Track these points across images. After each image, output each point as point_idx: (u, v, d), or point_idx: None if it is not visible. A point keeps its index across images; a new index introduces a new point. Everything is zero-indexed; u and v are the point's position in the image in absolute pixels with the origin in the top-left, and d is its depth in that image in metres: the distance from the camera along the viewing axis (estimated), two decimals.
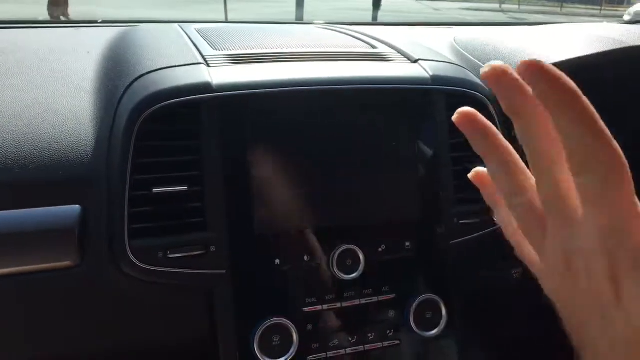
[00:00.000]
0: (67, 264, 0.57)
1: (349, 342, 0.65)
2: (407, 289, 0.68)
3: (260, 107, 0.64)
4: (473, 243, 0.70)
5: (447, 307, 0.67)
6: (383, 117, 0.69)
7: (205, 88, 0.60)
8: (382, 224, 0.68)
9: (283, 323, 0.61)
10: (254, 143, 0.63)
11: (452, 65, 0.76)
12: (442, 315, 0.67)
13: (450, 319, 0.67)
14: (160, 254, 0.58)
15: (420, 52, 0.77)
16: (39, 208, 0.57)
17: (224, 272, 0.61)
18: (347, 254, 0.64)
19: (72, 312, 0.62)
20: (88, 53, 0.79)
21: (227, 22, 1.90)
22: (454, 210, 0.69)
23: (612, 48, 0.78)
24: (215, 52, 0.70)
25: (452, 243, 0.69)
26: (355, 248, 0.65)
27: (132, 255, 0.57)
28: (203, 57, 0.67)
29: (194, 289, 0.64)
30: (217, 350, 0.62)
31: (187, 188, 0.59)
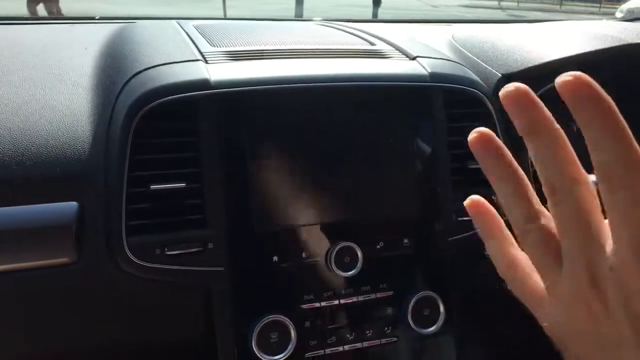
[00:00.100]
0: (64, 261, 0.57)
1: (347, 339, 0.65)
2: (405, 286, 0.68)
3: (259, 103, 0.63)
4: (471, 240, 0.70)
5: (445, 304, 0.67)
6: (381, 114, 0.69)
7: (204, 85, 0.60)
8: (380, 221, 0.68)
9: (281, 320, 0.61)
10: (252, 140, 0.63)
11: (450, 63, 0.76)
12: (440, 313, 0.67)
13: (448, 316, 0.68)
14: (158, 251, 0.58)
15: (419, 49, 0.77)
16: (36, 205, 0.56)
17: (222, 269, 0.61)
18: (345, 251, 0.64)
19: (69, 309, 0.62)
20: (85, 49, 0.78)
21: (225, 18, 1.89)
22: (452, 207, 0.68)
23: (610, 45, 0.77)
24: (213, 48, 0.69)
25: (450, 240, 0.69)
26: (354, 245, 0.65)
27: (129, 252, 0.57)
28: (201, 53, 0.67)
29: (192, 286, 0.64)
30: (215, 347, 0.62)
31: (185, 185, 0.59)
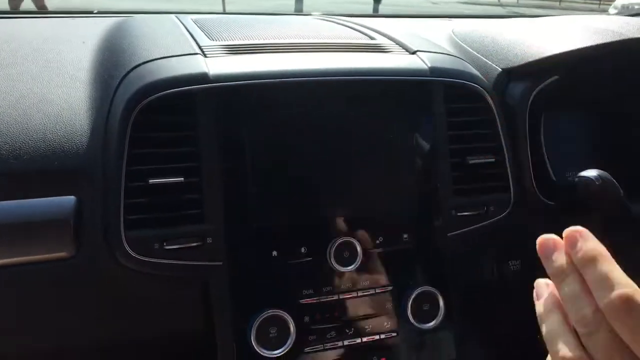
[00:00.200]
0: (62, 255, 0.57)
1: (346, 333, 0.65)
2: (404, 281, 0.68)
3: (258, 97, 0.63)
4: (471, 235, 0.70)
5: (444, 299, 0.67)
6: (381, 108, 0.68)
7: (202, 78, 0.59)
8: (379, 216, 0.68)
9: (280, 315, 0.61)
10: (251, 134, 0.62)
11: (450, 57, 0.76)
12: (439, 308, 0.67)
13: (448, 312, 0.67)
14: (157, 245, 0.58)
15: (419, 43, 0.77)
16: (34, 199, 0.56)
17: (221, 263, 0.60)
18: (344, 246, 0.64)
19: (67, 303, 0.62)
20: (83, 43, 0.78)
21: (224, 13, 1.88)
22: (452, 202, 0.68)
23: (611, 40, 0.77)
24: (212, 42, 0.69)
25: (449, 235, 0.69)
26: (353, 240, 0.64)
27: (127, 246, 0.57)
28: (200, 47, 0.66)
29: (191, 281, 0.63)
30: (214, 342, 0.62)
31: (183, 179, 0.58)
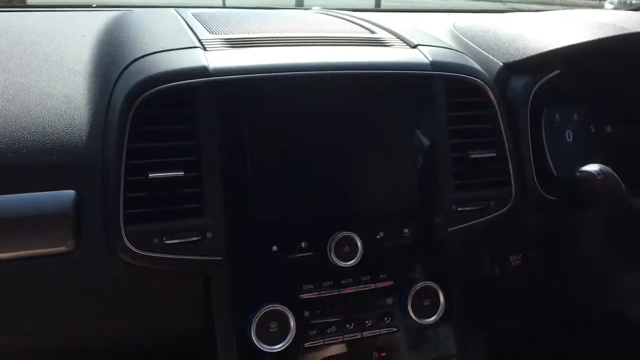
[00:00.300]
0: (62, 250, 0.57)
1: (346, 328, 0.65)
2: (405, 276, 0.68)
3: (258, 91, 0.63)
4: (472, 230, 0.69)
5: (445, 294, 0.67)
6: (381, 102, 0.68)
7: (202, 72, 0.59)
8: (380, 211, 0.68)
9: (280, 310, 0.61)
10: (251, 128, 0.62)
11: (451, 51, 0.75)
12: (440, 303, 0.67)
13: (448, 307, 0.67)
14: (156, 240, 0.57)
15: (420, 37, 0.76)
16: (33, 193, 0.56)
17: (221, 258, 0.60)
18: (344, 241, 0.64)
19: (67, 298, 0.62)
20: (83, 37, 0.77)
21: (224, 7, 1.87)
22: (453, 197, 0.68)
23: (613, 34, 0.77)
24: (212, 36, 0.68)
25: (450, 230, 0.68)
26: (353, 235, 0.64)
27: (127, 241, 0.57)
28: (200, 40, 0.66)
29: (191, 276, 0.63)
30: (214, 337, 0.62)
31: (183, 173, 0.58)
